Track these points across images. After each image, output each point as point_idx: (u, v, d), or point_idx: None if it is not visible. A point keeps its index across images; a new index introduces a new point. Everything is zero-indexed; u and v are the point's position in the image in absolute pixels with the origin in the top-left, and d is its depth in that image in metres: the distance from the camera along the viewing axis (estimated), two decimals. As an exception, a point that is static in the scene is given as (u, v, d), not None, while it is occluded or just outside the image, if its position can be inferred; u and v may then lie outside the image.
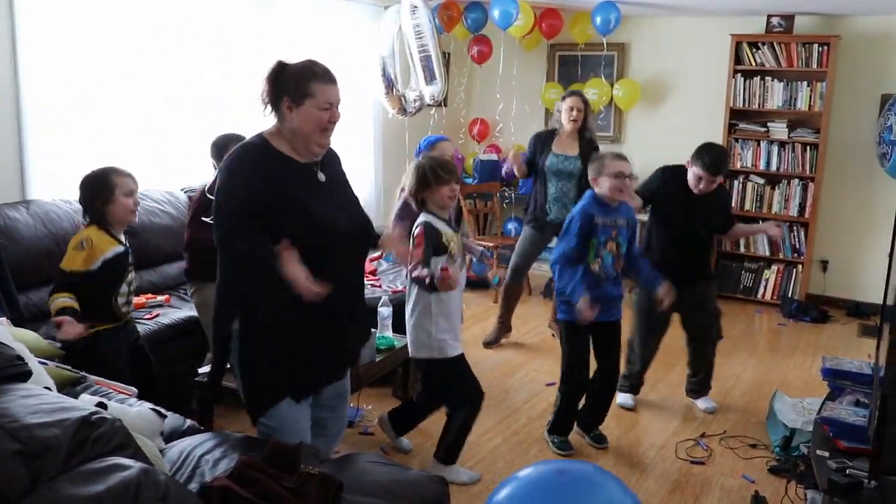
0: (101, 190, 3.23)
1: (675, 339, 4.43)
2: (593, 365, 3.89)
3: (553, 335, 5.70)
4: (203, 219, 3.57)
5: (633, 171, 3.72)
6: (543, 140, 5.28)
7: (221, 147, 3.73)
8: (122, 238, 3.34)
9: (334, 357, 2.71)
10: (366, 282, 4.60)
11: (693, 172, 4.05)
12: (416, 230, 3.36)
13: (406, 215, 3.90)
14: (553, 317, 5.73)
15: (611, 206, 3.70)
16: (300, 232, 2.43)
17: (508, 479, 2.48)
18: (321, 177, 2.59)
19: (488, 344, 5.49)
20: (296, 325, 2.52)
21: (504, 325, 5.55)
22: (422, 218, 3.40)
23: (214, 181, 2.79)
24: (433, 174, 3.36)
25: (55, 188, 4.20)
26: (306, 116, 2.47)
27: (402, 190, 4.04)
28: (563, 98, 5.25)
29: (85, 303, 3.16)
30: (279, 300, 2.43)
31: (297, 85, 2.46)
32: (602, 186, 3.67)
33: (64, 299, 3.12)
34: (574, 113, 5.14)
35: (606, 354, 3.87)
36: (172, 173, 4.90)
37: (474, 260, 3.99)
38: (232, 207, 2.44)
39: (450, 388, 3.54)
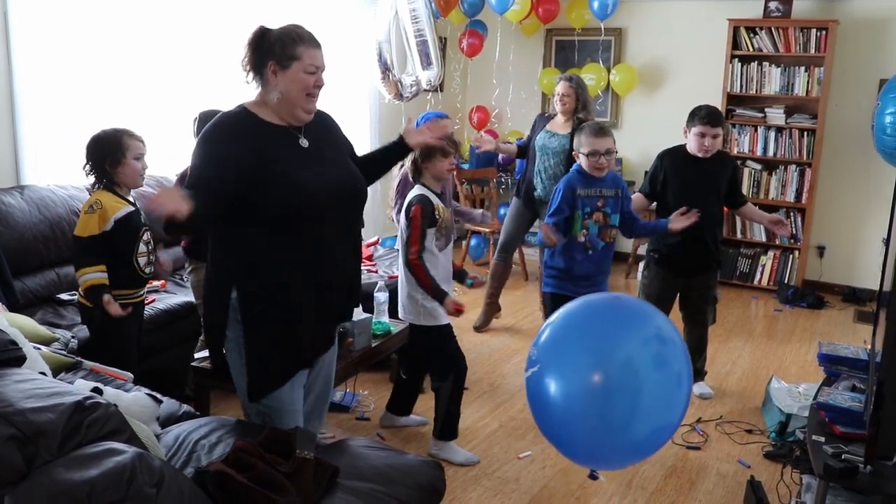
0: (112, 151, 3.20)
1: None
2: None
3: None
4: None
5: (612, 146, 3.70)
6: (543, 120, 5.33)
7: (205, 122, 3.73)
8: (131, 198, 3.32)
9: (326, 324, 2.70)
10: (362, 267, 4.62)
11: (693, 134, 4.08)
12: (413, 208, 3.39)
13: (407, 190, 3.96)
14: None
15: (595, 178, 3.71)
16: (280, 198, 2.41)
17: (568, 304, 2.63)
18: (303, 142, 2.55)
19: (478, 328, 5.50)
20: (290, 292, 2.50)
21: (492, 306, 5.58)
22: (416, 191, 3.45)
23: None
24: (439, 146, 3.39)
25: (50, 174, 4.18)
26: (293, 79, 2.45)
27: (402, 165, 4.06)
28: (558, 82, 5.25)
29: (108, 268, 3.17)
30: (274, 266, 2.45)
31: (282, 47, 2.44)
32: (581, 162, 3.71)
33: (92, 275, 3.12)
34: (563, 99, 5.14)
35: None
36: (165, 159, 4.87)
37: (472, 243, 4.03)
38: (196, 175, 2.41)
39: (434, 356, 3.60)
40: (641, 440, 2.39)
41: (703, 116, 4.04)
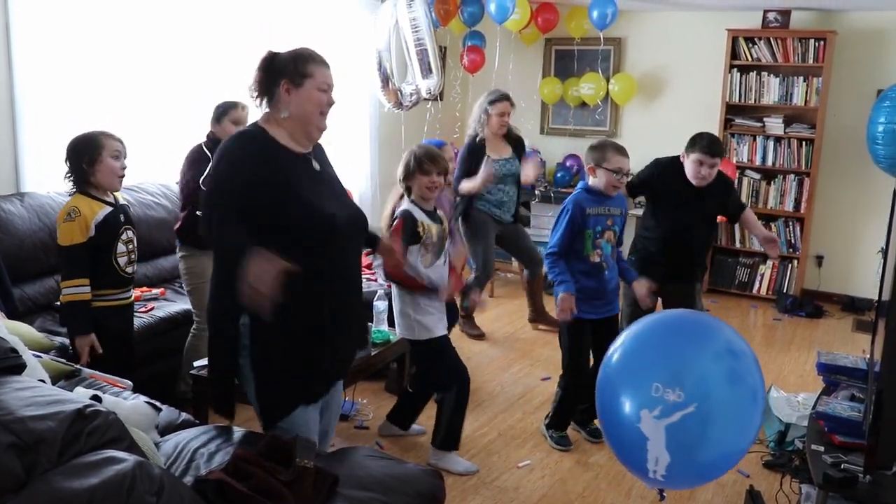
0: (88, 150, 3.21)
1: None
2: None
3: (536, 328, 5.72)
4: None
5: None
6: (478, 149, 5.15)
7: (220, 112, 3.85)
8: (111, 198, 3.31)
9: (340, 351, 2.68)
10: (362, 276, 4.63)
11: (691, 161, 3.97)
12: (395, 222, 3.43)
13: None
14: (533, 313, 5.73)
15: (604, 196, 3.68)
16: (302, 223, 2.41)
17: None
18: (316, 166, 2.57)
19: (478, 336, 5.51)
20: (300, 319, 2.48)
21: (469, 317, 5.59)
22: (403, 206, 3.48)
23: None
24: (416, 163, 3.44)
25: (50, 181, 4.17)
26: (307, 97, 2.47)
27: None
28: (493, 102, 5.11)
29: (89, 271, 3.20)
30: (288, 290, 2.40)
31: (295, 66, 2.46)
32: (599, 178, 3.65)
33: (74, 290, 3.15)
34: (506, 118, 5.12)
35: (604, 349, 3.86)
36: (167, 166, 4.88)
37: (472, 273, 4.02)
38: (218, 196, 2.41)
39: (434, 369, 3.60)
40: (716, 459, 2.45)
41: (705, 145, 3.92)
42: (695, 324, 2.66)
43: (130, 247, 3.36)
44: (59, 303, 3.34)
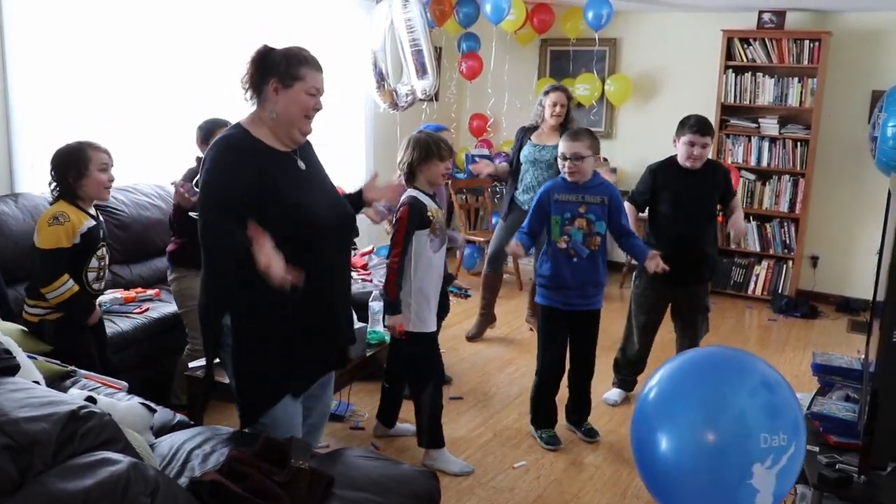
0: (75, 163, 3.16)
1: (663, 334, 4.44)
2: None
3: (531, 329, 5.71)
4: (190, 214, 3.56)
5: (582, 150, 3.62)
6: (525, 132, 5.29)
7: (207, 132, 3.75)
8: (92, 212, 3.30)
9: (327, 348, 2.69)
10: (356, 276, 4.63)
11: (682, 143, 4.06)
12: (400, 211, 3.40)
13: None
14: (530, 311, 5.73)
15: (578, 184, 3.69)
16: (287, 223, 2.41)
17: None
18: (301, 165, 2.57)
19: (471, 338, 5.47)
20: (288, 318, 2.49)
21: (487, 317, 5.55)
22: (409, 193, 3.45)
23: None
24: (437, 148, 3.43)
25: (44, 182, 4.16)
26: (294, 99, 2.46)
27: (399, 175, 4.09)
28: (546, 93, 5.19)
29: None
30: (269, 293, 2.39)
31: (287, 67, 2.45)
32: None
33: (64, 287, 3.11)
34: (558, 109, 5.11)
35: (582, 343, 3.89)
36: (162, 167, 4.87)
37: (465, 252, 4.02)
38: (215, 206, 2.40)
39: (413, 364, 3.59)
40: (787, 488, 2.43)
41: (693, 125, 4.03)
42: (730, 360, 2.66)
43: (102, 263, 3.34)
44: (30, 319, 3.24)
